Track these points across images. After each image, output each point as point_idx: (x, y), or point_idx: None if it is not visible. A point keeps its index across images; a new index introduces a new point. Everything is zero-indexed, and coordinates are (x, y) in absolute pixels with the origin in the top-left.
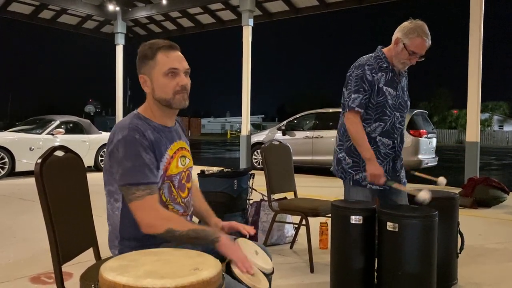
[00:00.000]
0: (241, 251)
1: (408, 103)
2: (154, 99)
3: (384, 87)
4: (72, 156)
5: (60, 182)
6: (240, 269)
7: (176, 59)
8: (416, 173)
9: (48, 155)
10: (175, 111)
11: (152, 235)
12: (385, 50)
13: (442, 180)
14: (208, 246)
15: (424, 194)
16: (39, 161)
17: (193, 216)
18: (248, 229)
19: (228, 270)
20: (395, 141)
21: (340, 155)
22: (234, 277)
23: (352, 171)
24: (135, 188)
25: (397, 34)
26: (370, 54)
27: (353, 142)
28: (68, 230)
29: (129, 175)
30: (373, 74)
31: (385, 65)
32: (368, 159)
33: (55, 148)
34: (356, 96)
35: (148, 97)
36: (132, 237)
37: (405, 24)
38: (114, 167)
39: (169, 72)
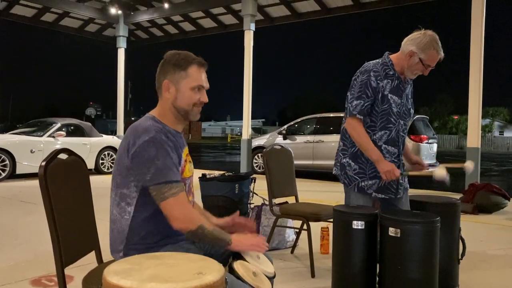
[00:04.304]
0: (251, 237)
1: (412, 111)
2: (173, 106)
3: (389, 95)
4: (75, 159)
5: (63, 185)
6: (240, 268)
7: (205, 78)
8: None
9: (52, 158)
10: (184, 122)
11: (156, 240)
12: (392, 57)
13: (469, 164)
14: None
15: (439, 171)
16: (43, 163)
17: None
18: (251, 225)
19: (231, 270)
20: (399, 149)
21: (344, 160)
22: (238, 277)
23: (357, 178)
24: (169, 186)
25: (410, 46)
26: (377, 60)
27: (358, 146)
28: (71, 233)
29: (162, 173)
30: (378, 81)
31: (391, 73)
32: (376, 160)
33: (59, 151)
34: (358, 102)
35: (164, 102)
36: (139, 241)
37: (419, 37)
38: (142, 168)
39: (197, 87)
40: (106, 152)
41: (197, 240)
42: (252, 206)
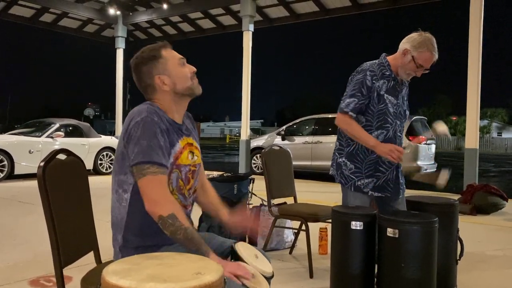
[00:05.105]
0: (230, 264)
1: (407, 112)
2: (175, 93)
3: (385, 95)
4: (74, 160)
5: (62, 185)
6: (240, 279)
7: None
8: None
9: (50, 158)
10: (185, 107)
11: (154, 231)
12: (389, 58)
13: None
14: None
15: (442, 179)
16: (42, 164)
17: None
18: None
19: None
20: None
21: (340, 159)
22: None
23: (353, 177)
24: (150, 165)
25: (405, 45)
26: (374, 61)
27: (353, 138)
28: (69, 234)
29: (145, 153)
30: (374, 81)
31: (387, 73)
32: (373, 145)
33: (58, 151)
34: (351, 100)
35: (163, 95)
36: (136, 232)
37: (415, 36)
38: (130, 149)
39: (180, 61)
40: (104, 153)
41: (167, 232)
42: (250, 206)
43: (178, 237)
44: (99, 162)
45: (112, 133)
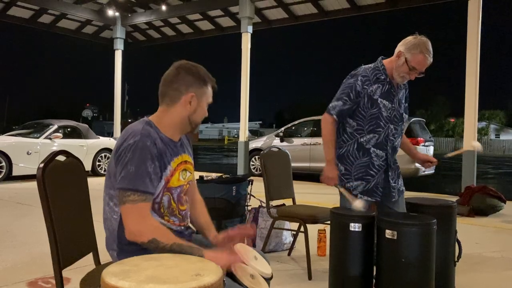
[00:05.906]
0: (229, 255)
1: (405, 115)
2: (188, 119)
3: (379, 99)
4: (73, 161)
5: (61, 186)
6: (237, 270)
7: None
8: (449, 155)
9: (50, 159)
10: (183, 133)
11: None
12: (385, 61)
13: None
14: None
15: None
16: (41, 165)
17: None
18: (248, 231)
19: (229, 273)
20: (388, 153)
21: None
22: (235, 280)
23: (344, 179)
24: (131, 193)
25: (400, 47)
26: (369, 65)
27: (322, 140)
28: (69, 235)
29: (129, 179)
30: (365, 86)
31: (382, 77)
32: (328, 160)
33: (57, 153)
34: (337, 103)
35: (176, 113)
36: (131, 243)
37: (409, 39)
38: (117, 170)
39: (209, 103)
40: (103, 154)
41: (155, 252)
42: (249, 208)
43: (166, 253)
44: (97, 163)
45: (110, 134)
